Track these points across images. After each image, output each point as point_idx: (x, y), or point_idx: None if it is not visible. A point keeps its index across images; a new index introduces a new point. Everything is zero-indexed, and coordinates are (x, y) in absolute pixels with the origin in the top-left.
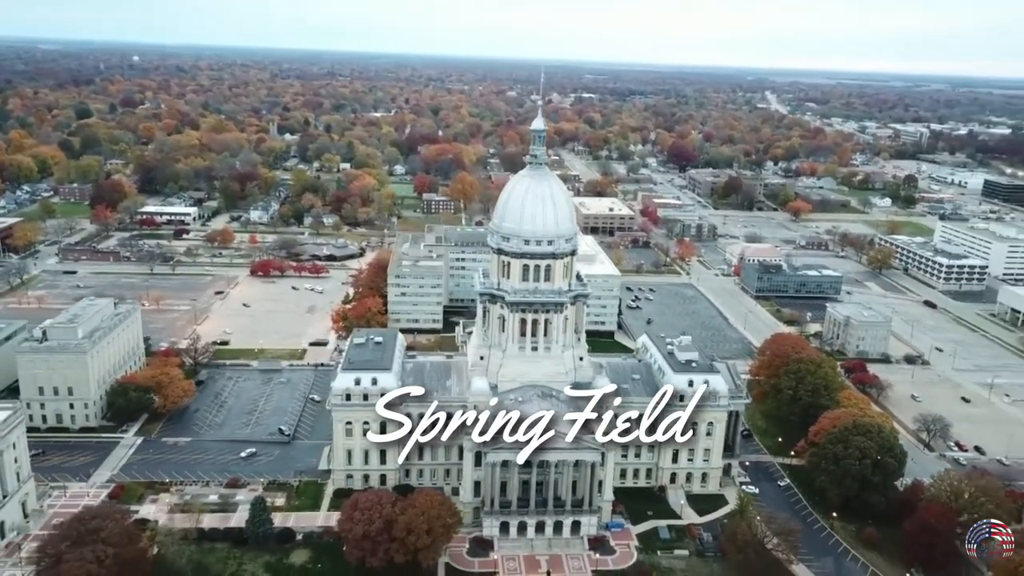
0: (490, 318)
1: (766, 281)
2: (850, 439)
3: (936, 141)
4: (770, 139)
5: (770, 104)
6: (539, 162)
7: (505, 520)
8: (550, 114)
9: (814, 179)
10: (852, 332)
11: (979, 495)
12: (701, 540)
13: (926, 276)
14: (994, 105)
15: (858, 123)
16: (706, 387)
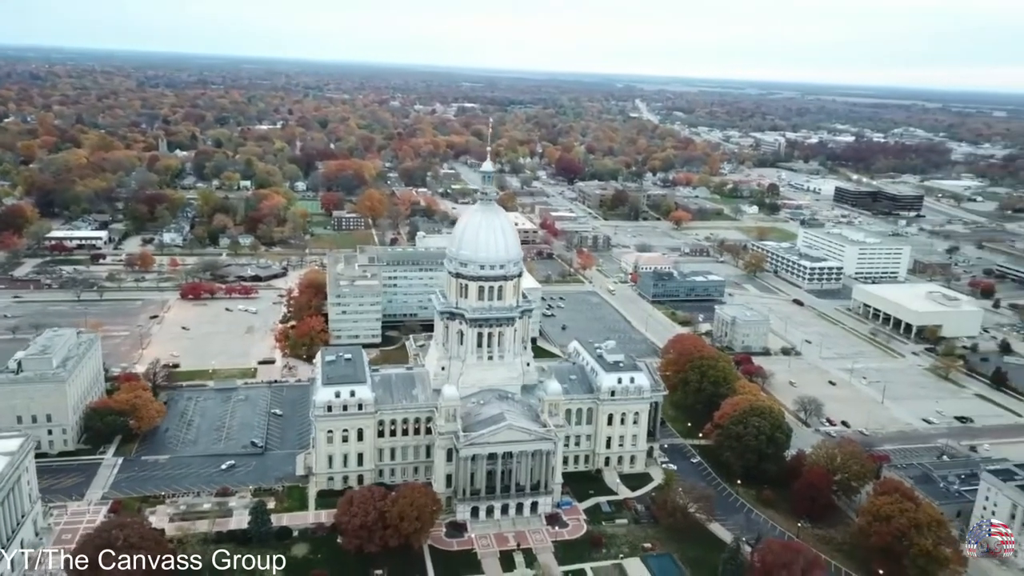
0: (450, 333)
1: (660, 287)
2: (748, 420)
3: (792, 150)
4: (647, 150)
5: (642, 113)
6: (489, 199)
7: (475, 505)
8: (438, 126)
9: (690, 188)
10: (738, 330)
11: (848, 459)
12: (636, 510)
13: (793, 277)
14: (838, 113)
15: (722, 132)
16: (632, 383)
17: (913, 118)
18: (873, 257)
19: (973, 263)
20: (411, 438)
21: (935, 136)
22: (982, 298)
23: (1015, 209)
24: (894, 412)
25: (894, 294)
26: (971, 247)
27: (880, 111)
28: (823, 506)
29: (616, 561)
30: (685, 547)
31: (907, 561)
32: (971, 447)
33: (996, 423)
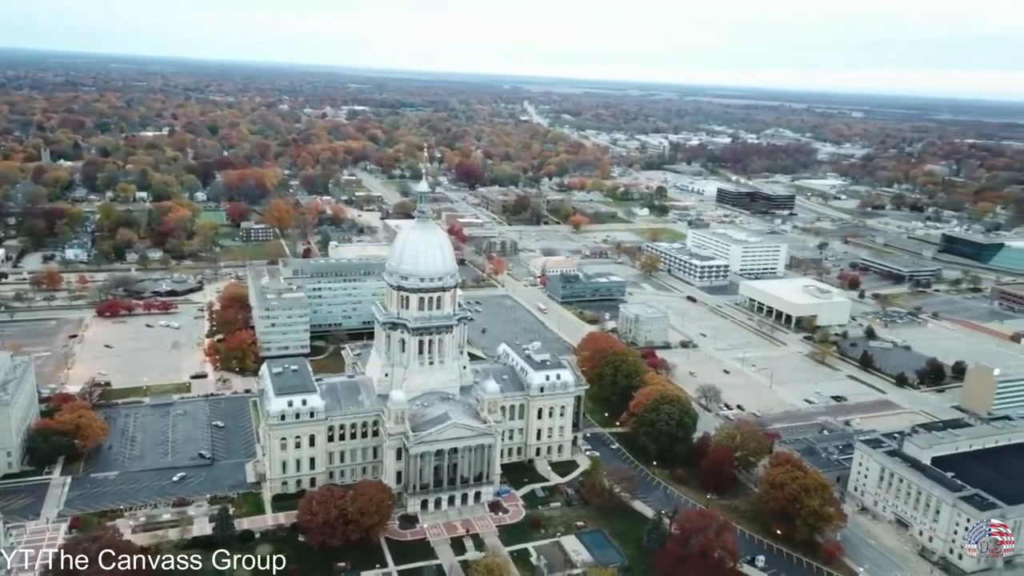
0: (392, 342)
1: (568, 289)
2: (660, 408)
3: (676, 152)
4: (541, 155)
5: (531, 117)
6: (426, 217)
7: (425, 498)
8: (332, 130)
9: (584, 192)
10: (641, 326)
11: (746, 438)
12: (567, 494)
13: (685, 275)
14: (714, 114)
15: (609, 135)
16: (559, 380)
17: (782, 119)
18: (755, 255)
19: (840, 257)
20: (359, 441)
21: (802, 137)
22: (849, 289)
23: (874, 206)
24: (780, 395)
25: (774, 288)
26: (838, 243)
27: (752, 112)
28: (728, 480)
29: (554, 539)
30: (613, 523)
31: (799, 521)
32: (846, 422)
33: (865, 400)
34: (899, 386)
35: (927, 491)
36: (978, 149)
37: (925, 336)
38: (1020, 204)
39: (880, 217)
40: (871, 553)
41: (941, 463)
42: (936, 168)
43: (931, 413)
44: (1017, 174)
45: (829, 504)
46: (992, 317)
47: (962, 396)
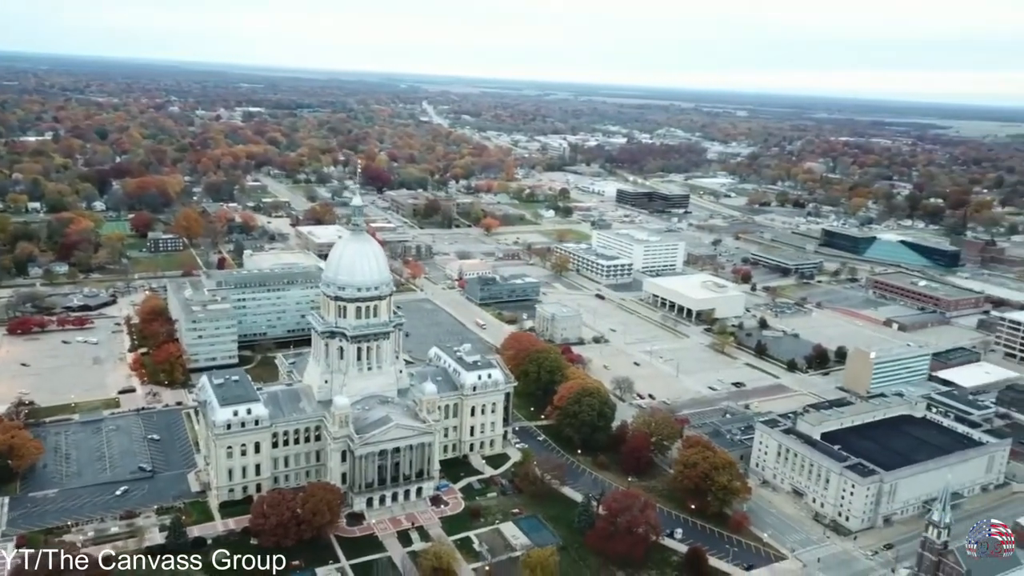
0: (330, 350)
1: (486, 291)
2: (582, 400)
3: (575, 154)
4: (446, 157)
5: (432, 117)
6: (360, 230)
7: (370, 496)
8: (230, 134)
9: (492, 195)
10: (557, 324)
11: (659, 425)
12: (502, 485)
13: (593, 274)
14: (609, 114)
15: (509, 136)
16: (490, 378)
17: (672, 119)
18: (655, 253)
19: (733, 253)
20: (302, 446)
21: (692, 136)
22: (742, 283)
23: (761, 203)
24: (686, 383)
25: (675, 285)
26: (730, 239)
27: (644, 112)
28: (645, 463)
29: (494, 527)
30: (546, 508)
31: (710, 496)
32: (745, 405)
33: (761, 385)
34: (790, 371)
35: (818, 463)
36: (851, 147)
37: (811, 324)
38: (889, 199)
39: (767, 214)
40: (773, 520)
41: (829, 438)
42: (815, 166)
43: (819, 394)
44: (885, 170)
45: (736, 479)
46: (867, 305)
47: (844, 378)
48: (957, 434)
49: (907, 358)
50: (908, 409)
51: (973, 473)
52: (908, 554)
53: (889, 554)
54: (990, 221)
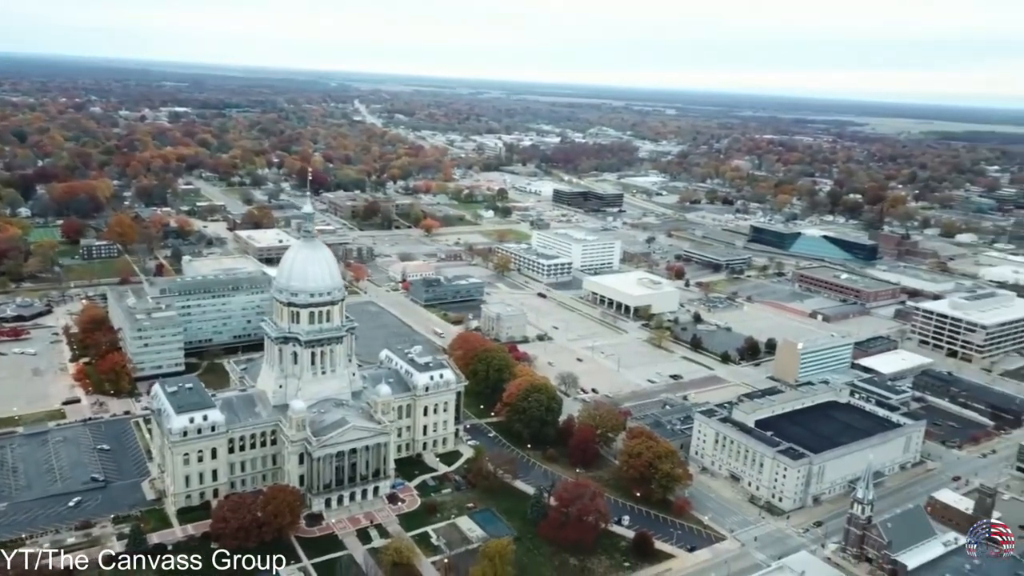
0: (284, 355)
1: (431, 292)
2: (530, 396)
3: (511, 153)
4: (383, 158)
5: (365, 117)
6: (312, 236)
7: (328, 497)
8: (157, 135)
9: (431, 196)
10: (503, 324)
11: (604, 417)
12: (456, 481)
13: (534, 274)
14: (542, 113)
15: (444, 135)
16: (442, 378)
17: (604, 118)
18: (593, 252)
19: (666, 250)
20: (258, 450)
21: (624, 135)
22: (676, 279)
23: (691, 201)
24: (627, 377)
25: (613, 282)
26: (663, 236)
27: (576, 111)
28: (592, 455)
29: (450, 521)
30: (499, 502)
31: (654, 483)
32: (683, 396)
33: (697, 376)
34: (724, 363)
35: (753, 449)
36: (775, 144)
37: (742, 318)
38: (812, 195)
39: (697, 211)
40: (712, 504)
41: (762, 425)
42: (741, 163)
43: (751, 384)
44: (807, 167)
45: (678, 467)
46: (794, 298)
47: (774, 368)
48: (878, 417)
49: (831, 348)
50: (833, 396)
51: (892, 453)
52: (836, 530)
53: (819, 531)
54: (905, 216)
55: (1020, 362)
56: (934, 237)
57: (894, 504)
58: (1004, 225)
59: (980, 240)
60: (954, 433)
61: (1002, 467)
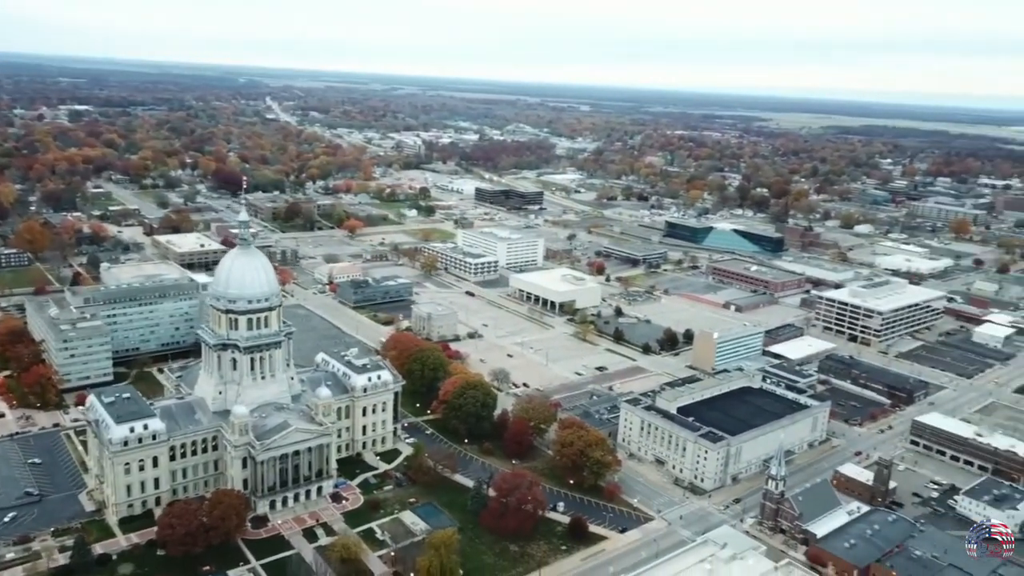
0: (223, 361)
1: (359, 294)
2: (466, 393)
3: (431, 152)
4: (301, 157)
5: (278, 115)
6: (248, 244)
7: (273, 499)
8: (59, 136)
9: (352, 195)
10: (434, 323)
11: (536, 410)
12: (396, 478)
13: (461, 272)
14: (458, 109)
15: (361, 133)
16: (380, 379)
17: (520, 114)
18: (518, 250)
19: (587, 247)
20: (200, 457)
21: (540, 132)
22: (597, 275)
23: (608, 198)
24: (556, 370)
25: (538, 279)
26: (583, 233)
27: (492, 107)
28: (526, 446)
29: (393, 516)
30: (440, 496)
31: (586, 471)
32: (609, 387)
33: (621, 367)
34: (646, 354)
35: (676, 434)
36: (686, 140)
37: (660, 310)
38: (722, 190)
39: (615, 207)
40: (640, 487)
41: (684, 411)
42: (654, 160)
43: (672, 373)
44: (717, 163)
45: (607, 454)
46: (708, 290)
47: (692, 357)
48: (787, 400)
49: (744, 336)
50: (747, 381)
51: (801, 433)
52: (753, 505)
53: (738, 507)
54: (808, 209)
55: (912, 344)
56: (834, 229)
57: (804, 479)
58: (897, 216)
59: (876, 231)
60: (855, 412)
61: (897, 441)
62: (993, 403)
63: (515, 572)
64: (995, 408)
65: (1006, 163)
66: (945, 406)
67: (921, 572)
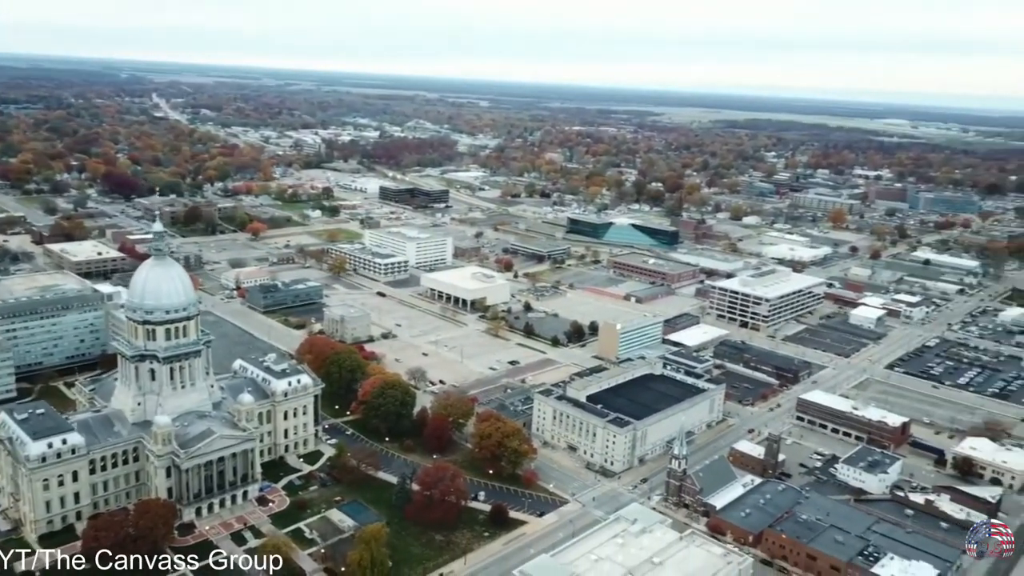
0: (141, 373)
1: (269, 298)
2: (386, 392)
3: (332, 150)
4: (196, 158)
5: (167, 113)
6: (163, 254)
7: (199, 506)
8: None
9: (253, 197)
10: (347, 325)
11: (454, 406)
12: (320, 478)
13: (371, 273)
14: (355, 105)
15: (257, 131)
16: (300, 383)
17: (420, 110)
18: (427, 249)
19: (494, 244)
20: (120, 469)
21: (441, 129)
22: (505, 271)
23: (512, 195)
24: (470, 366)
25: (449, 278)
26: (490, 231)
27: (391, 103)
28: (446, 441)
29: (321, 515)
30: (365, 493)
31: (504, 460)
32: (522, 380)
33: (533, 360)
34: (555, 346)
35: (586, 421)
36: (584, 136)
37: (566, 304)
38: (619, 186)
39: (519, 204)
40: (555, 473)
41: (593, 399)
42: (554, 156)
43: (580, 363)
44: (614, 158)
45: (523, 444)
46: (610, 283)
47: (598, 347)
48: (687, 385)
49: (645, 326)
50: (649, 369)
51: (700, 414)
52: (659, 483)
53: (645, 486)
54: (700, 202)
55: (796, 328)
56: (725, 221)
57: (703, 457)
58: (781, 207)
59: (762, 222)
60: (748, 393)
61: (785, 418)
62: (867, 379)
63: (441, 560)
64: (869, 383)
65: (877, 154)
66: (826, 384)
67: (807, 533)
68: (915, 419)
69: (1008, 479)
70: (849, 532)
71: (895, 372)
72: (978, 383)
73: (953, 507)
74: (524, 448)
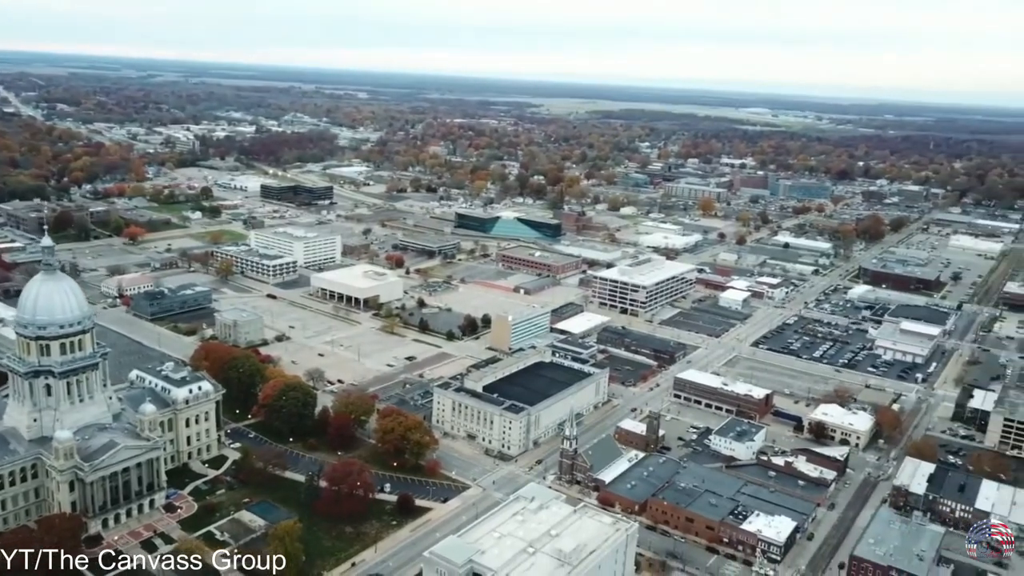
0: (35, 389)
1: (156, 305)
2: (287, 394)
3: (206, 148)
4: (58, 159)
5: (19, 109)
6: (53, 269)
7: (105, 517)
8: None
9: (126, 199)
10: (240, 329)
11: (355, 404)
12: (227, 482)
13: (259, 275)
14: (227, 98)
15: (123, 127)
16: (200, 390)
17: (297, 103)
18: (315, 248)
19: (383, 241)
20: (18, 487)
21: (320, 122)
22: (396, 268)
23: (398, 190)
24: (368, 364)
25: (340, 277)
26: (378, 227)
27: (265, 96)
28: (349, 438)
29: (231, 518)
30: (273, 493)
31: (407, 453)
32: (420, 374)
33: (429, 355)
34: (449, 340)
35: (483, 410)
36: (466, 129)
37: (459, 298)
38: (503, 179)
39: (405, 200)
40: (456, 461)
41: (489, 389)
42: (438, 150)
43: (475, 356)
44: (496, 151)
45: (425, 436)
46: (500, 276)
47: (491, 339)
48: (574, 370)
49: (534, 317)
50: (540, 357)
51: (588, 397)
52: (552, 464)
53: (540, 467)
54: (579, 194)
55: (671, 312)
56: (604, 212)
57: (592, 436)
58: (655, 197)
59: (638, 212)
60: (630, 375)
61: (664, 396)
62: (736, 356)
63: (352, 550)
64: (737, 360)
65: (742, 143)
66: (699, 363)
67: (685, 499)
68: (777, 391)
69: (854, 439)
70: (722, 495)
71: (760, 349)
72: (830, 355)
73: (808, 467)
74: (426, 440)
